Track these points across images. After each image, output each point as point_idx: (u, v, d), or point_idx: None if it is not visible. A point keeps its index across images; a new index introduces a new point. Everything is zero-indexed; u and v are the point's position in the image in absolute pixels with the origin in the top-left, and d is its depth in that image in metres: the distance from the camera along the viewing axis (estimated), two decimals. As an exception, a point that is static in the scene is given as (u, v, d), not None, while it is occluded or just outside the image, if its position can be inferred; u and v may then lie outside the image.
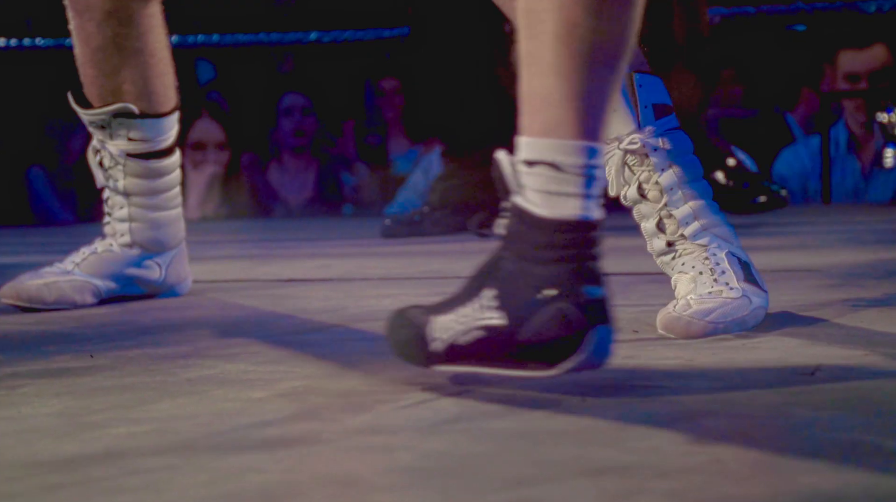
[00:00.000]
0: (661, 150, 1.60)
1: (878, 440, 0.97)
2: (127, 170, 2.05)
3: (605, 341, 1.13)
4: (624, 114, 1.59)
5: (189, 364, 1.46)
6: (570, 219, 1.12)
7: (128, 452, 1.03)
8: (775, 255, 2.55)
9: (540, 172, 1.13)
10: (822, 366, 1.25)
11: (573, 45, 1.12)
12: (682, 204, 1.60)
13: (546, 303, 1.11)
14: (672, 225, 1.60)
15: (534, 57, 1.14)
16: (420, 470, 0.95)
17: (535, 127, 1.14)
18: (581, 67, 1.13)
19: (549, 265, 1.11)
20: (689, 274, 1.58)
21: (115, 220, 2.08)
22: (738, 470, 0.90)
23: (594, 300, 1.11)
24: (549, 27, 1.13)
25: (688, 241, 1.60)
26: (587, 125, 1.13)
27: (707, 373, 1.27)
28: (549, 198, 1.12)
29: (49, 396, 1.29)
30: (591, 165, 1.13)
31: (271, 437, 1.07)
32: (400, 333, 1.18)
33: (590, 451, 0.98)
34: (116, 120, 2.03)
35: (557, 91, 1.13)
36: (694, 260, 1.59)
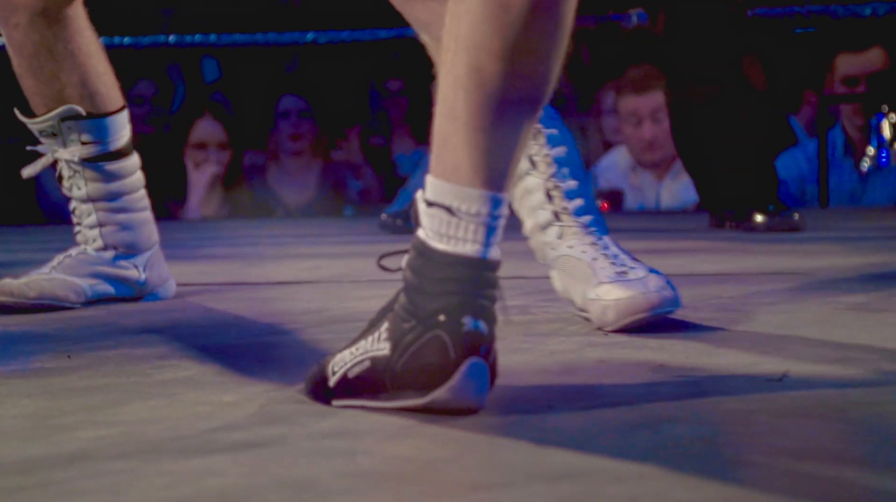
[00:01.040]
0: (555, 128, 1.67)
1: (836, 447, 0.98)
2: (86, 176, 2.05)
3: (477, 375, 1.10)
4: None
5: (164, 365, 1.46)
6: (465, 255, 1.11)
7: (92, 455, 1.04)
8: (762, 258, 2.56)
9: (435, 214, 1.11)
10: (790, 373, 1.26)
11: (477, 91, 1.10)
12: (568, 179, 1.66)
13: (426, 331, 1.10)
14: (558, 196, 1.64)
15: (442, 98, 1.12)
16: (378, 474, 0.96)
17: (437, 169, 1.12)
18: (483, 115, 1.10)
19: (437, 297, 1.10)
20: (583, 259, 1.62)
21: (86, 228, 2.08)
22: (692, 477, 0.90)
23: (473, 333, 1.09)
24: (454, 69, 1.11)
25: (572, 218, 1.65)
26: (485, 173, 1.11)
27: (676, 378, 1.28)
28: (444, 238, 1.11)
29: (22, 396, 1.30)
30: (486, 213, 1.11)
31: (236, 441, 1.08)
32: (310, 373, 1.21)
33: (549, 457, 0.99)
34: (65, 124, 2.03)
35: (457, 136, 1.11)
36: (582, 243, 1.64)
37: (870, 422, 1.06)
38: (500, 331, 1.55)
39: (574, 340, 1.53)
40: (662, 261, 2.62)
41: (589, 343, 1.51)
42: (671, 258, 2.68)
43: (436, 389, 1.10)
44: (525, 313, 1.79)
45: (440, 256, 1.11)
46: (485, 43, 1.09)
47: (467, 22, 1.10)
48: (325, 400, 1.19)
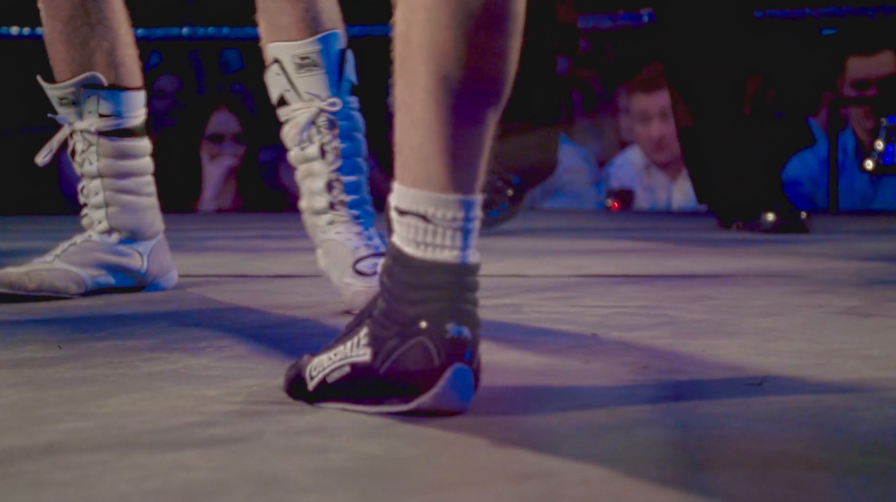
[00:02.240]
0: (349, 122, 1.84)
1: (805, 452, 0.98)
2: (100, 150, 2.08)
3: (462, 381, 1.10)
4: (327, 79, 1.84)
5: (154, 358, 1.47)
6: (445, 262, 1.11)
7: (67, 447, 1.05)
8: (762, 260, 2.56)
9: (409, 222, 1.11)
10: (770, 377, 1.26)
11: (447, 99, 1.10)
12: (350, 173, 1.84)
13: (409, 338, 1.10)
14: (338, 188, 1.83)
15: (406, 107, 1.11)
16: (347, 471, 0.96)
17: (407, 178, 1.12)
18: (452, 121, 1.10)
19: (417, 303, 1.10)
20: (347, 246, 1.81)
21: (92, 208, 2.10)
22: (657, 480, 0.91)
23: (456, 339, 1.09)
24: (419, 78, 1.10)
25: (346, 209, 1.83)
26: (458, 178, 1.10)
27: (657, 380, 1.28)
28: (421, 246, 1.11)
29: (6, 387, 1.31)
30: (462, 218, 1.11)
31: (211, 436, 1.08)
32: (288, 373, 1.22)
33: (518, 458, 0.99)
34: (85, 92, 2.06)
35: (429, 144, 1.10)
36: (350, 232, 1.83)
37: (843, 428, 1.06)
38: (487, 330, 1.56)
39: (561, 340, 1.54)
40: (661, 260, 2.63)
41: (575, 344, 1.51)
42: (669, 258, 2.68)
43: (420, 395, 1.11)
44: (517, 312, 1.80)
45: (418, 264, 1.11)
46: (449, 50, 1.09)
47: (429, 30, 1.09)
48: (306, 401, 1.19)
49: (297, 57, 1.86)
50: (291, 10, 1.87)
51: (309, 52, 1.86)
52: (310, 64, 1.86)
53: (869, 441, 1.02)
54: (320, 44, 1.86)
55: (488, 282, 2.19)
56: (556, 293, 2.04)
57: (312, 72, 1.86)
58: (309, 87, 1.86)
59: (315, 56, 1.86)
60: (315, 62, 1.86)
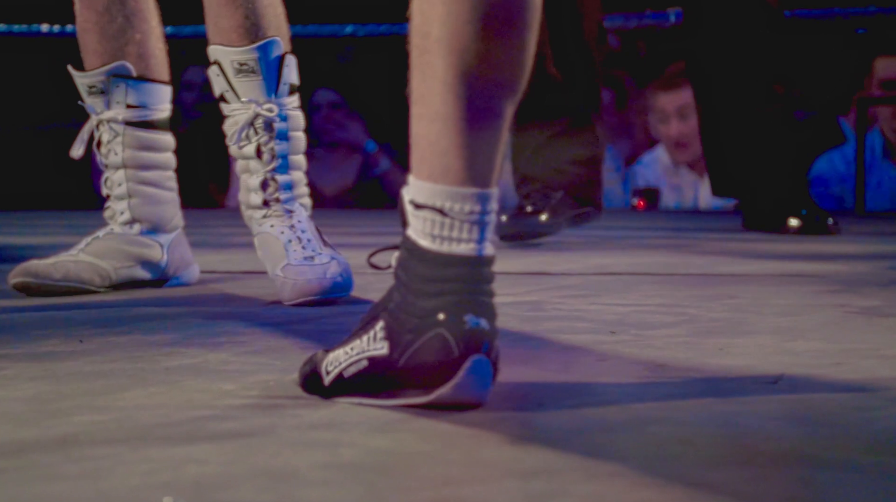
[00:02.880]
0: (286, 123, 1.94)
1: (815, 450, 0.97)
2: (125, 140, 2.10)
3: (481, 372, 1.10)
4: (264, 84, 1.92)
5: (172, 352, 1.48)
6: (461, 255, 1.11)
7: (81, 440, 1.05)
8: (785, 261, 2.55)
9: (426, 216, 1.11)
10: (785, 376, 1.25)
11: (462, 91, 1.10)
12: (286, 172, 1.94)
13: (427, 330, 1.10)
14: (273, 187, 1.93)
15: (423, 100, 1.12)
16: (357, 466, 0.97)
17: (424, 171, 1.12)
18: (470, 114, 1.10)
19: (434, 296, 1.10)
20: (280, 240, 1.91)
21: (115, 199, 2.12)
22: (663, 478, 0.91)
23: (475, 330, 1.10)
24: (438, 72, 1.10)
25: (280, 205, 1.94)
26: (475, 171, 1.11)
27: (673, 379, 1.28)
28: (437, 239, 1.11)
29: (25, 380, 1.32)
30: (479, 212, 1.11)
31: (225, 430, 1.09)
32: (303, 369, 1.23)
33: (528, 454, 0.99)
34: (114, 81, 2.08)
35: (445, 138, 1.11)
36: (283, 225, 1.93)
37: (855, 427, 1.06)
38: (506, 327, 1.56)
39: (579, 338, 1.54)
40: (683, 259, 2.62)
41: (593, 341, 1.51)
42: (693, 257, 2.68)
43: (440, 387, 1.11)
44: (536, 309, 1.80)
45: (434, 257, 1.11)
46: (469, 44, 1.09)
47: (449, 23, 1.09)
48: (321, 397, 1.20)
49: (235, 62, 1.93)
50: (232, 16, 1.93)
51: (247, 59, 1.92)
52: (248, 70, 1.92)
53: (881, 440, 1.01)
54: (258, 52, 1.92)
55: (510, 279, 2.20)
56: (577, 291, 2.04)
57: (250, 77, 1.92)
58: (247, 92, 1.93)
59: (253, 63, 1.92)
60: (253, 69, 1.92)
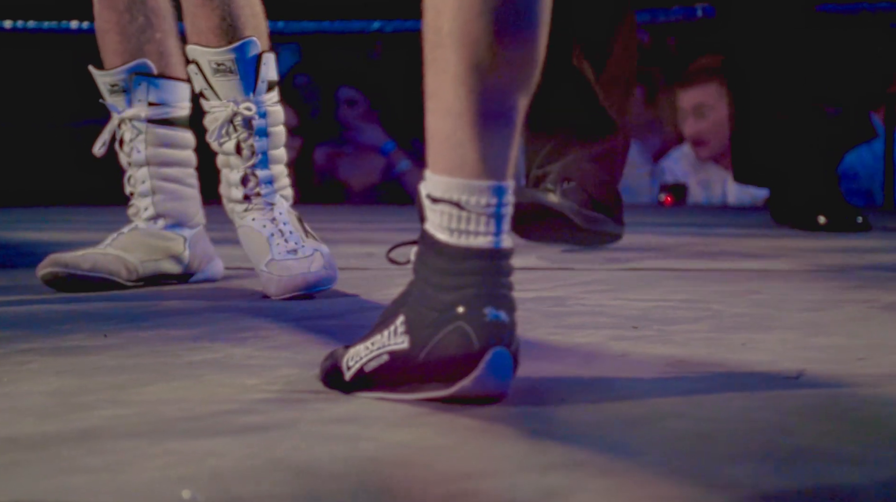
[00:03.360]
0: (265, 119, 1.97)
1: (834, 445, 0.97)
2: (148, 138, 2.12)
3: (501, 364, 1.11)
4: (241, 83, 1.95)
5: (196, 347, 1.49)
6: (479, 248, 1.11)
7: (103, 433, 1.06)
8: (811, 256, 2.54)
9: (443, 210, 1.12)
10: (807, 371, 1.25)
11: (474, 85, 1.10)
12: (266, 167, 1.98)
13: (446, 323, 1.10)
14: (253, 182, 1.97)
15: (437, 95, 1.12)
16: (376, 460, 0.97)
17: (440, 165, 1.12)
18: (483, 108, 1.11)
19: (453, 290, 1.11)
20: (262, 234, 1.95)
21: (139, 196, 2.14)
22: (678, 473, 0.91)
23: (495, 322, 1.10)
24: (450, 66, 1.11)
25: (261, 199, 1.97)
26: (491, 164, 1.11)
27: (694, 374, 1.28)
28: (455, 233, 1.12)
29: (50, 374, 1.33)
30: (495, 204, 1.11)
31: (246, 424, 1.09)
32: (324, 364, 1.23)
33: (546, 449, 1.00)
34: (136, 79, 2.10)
35: (461, 131, 1.11)
36: (265, 219, 1.96)
37: (875, 422, 1.06)
38: (529, 322, 1.56)
39: (601, 333, 1.54)
40: (709, 255, 2.61)
41: (615, 336, 1.51)
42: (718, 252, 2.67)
43: (461, 380, 1.11)
44: (559, 304, 1.80)
45: (453, 250, 1.12)
46: (480, 38, 1.10)
47: (460, 18, 1.10)
48: (343, 390, 1.20)
49: (212, 62, 1.95)
50: (209, 17, 1.96)
51: (223, 59, 1.95)
52: (225, 70, 1.95)
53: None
54: (234, 53, 1.95)
55: (534, 275, 2.20)
56: (601, 286, 2.04)
57: (228, 77, 1.95)
58: (225, 91, 1.97)
59: (230, 63, 1.95)
60: (230, 69, 1.95)
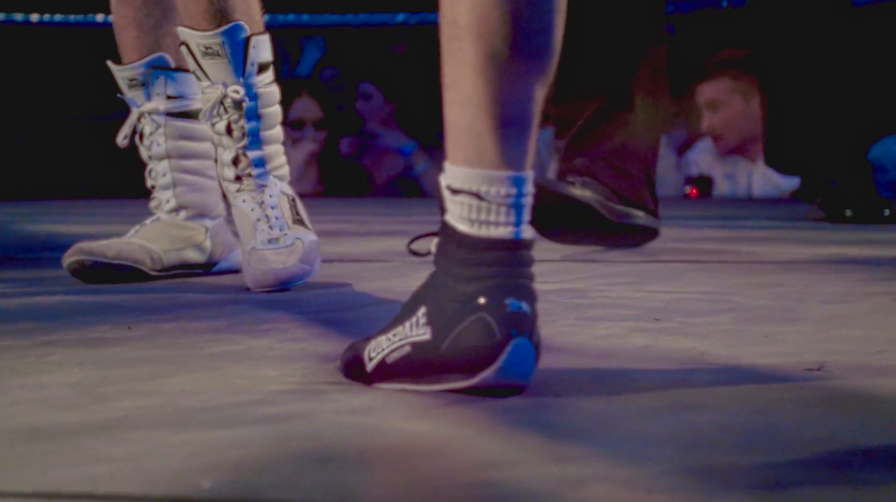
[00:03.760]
0: (255, 101, 1.98)
1: (852, 437, 0.97)
2: (167, 131, 2.13)
3: (523, 354, 1.11)
4: (231, 66, 1.97)
5: (218, 339, 1.49)
6: (497, 237, 1.12)
7: (125, 424, 1.07)
8: (836, 248, 2.53)
9: (463, 201, 1.12)
10: (827, 363, 1.25)
11: (493, 76, 1.11)
12: (257, 148, 1.99)
13: (468, 314, 1.11)
14: (244, 163, 1.99)
15: (455, 86, 1.12)
16: (394, 451, 0.97)
17: (459, 156, 1.13)
18: (501, 98, 1.11)
19: (474, 281, 1.11)
20: (249, 218, 1.97)
21: (160, 189, 2.15)
22: (700, 463, 0.91)
23: (516, 313, 1.10)
24: (468, 57, 1.11)
25: (252, 179, 1.99)
26: (510, 154, 1.12)
27: (714, 366, 1.28)
28: (475, 223, 1.12)
29: (73, 365, 1.34)
30: (516, 194, 1.12)
31: (267, 415, 1.10)
32: (345, 355, 1.23)
33: (565, 439, 1.00)
34: (154, 73, 2.11)
35: (480, 122, 1.11)
36: (254, 201, 1.98)
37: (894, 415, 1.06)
38: (550, 314, 1.56)
39: (622, 325, 1.54)
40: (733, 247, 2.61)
41: (636, 328, 1.51)
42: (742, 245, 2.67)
43: (482, 371, 1.11)
44: (581, 296, 1.80)
45: (473, 241, 1.12)
46: (497, 28, 1.10)
47: (477, 9, 1.10)
48: (365, 382, 1.21)
49: (201, 46, 1.97)
50: (199, 1, 1.97)
51: (211, 43, 1.96)
52: (213, 53, 1.97)
53: (921, 427, 1.01)
54: (222, 37, 1.96)
55: (556, 267, 2.20)
56: (623, 278, 2.04)
57: (216, 60, 1.97)
58: (214, 73, 1.98)
59: (217, 47, 1.96)
60: (218, 52, 1.97)
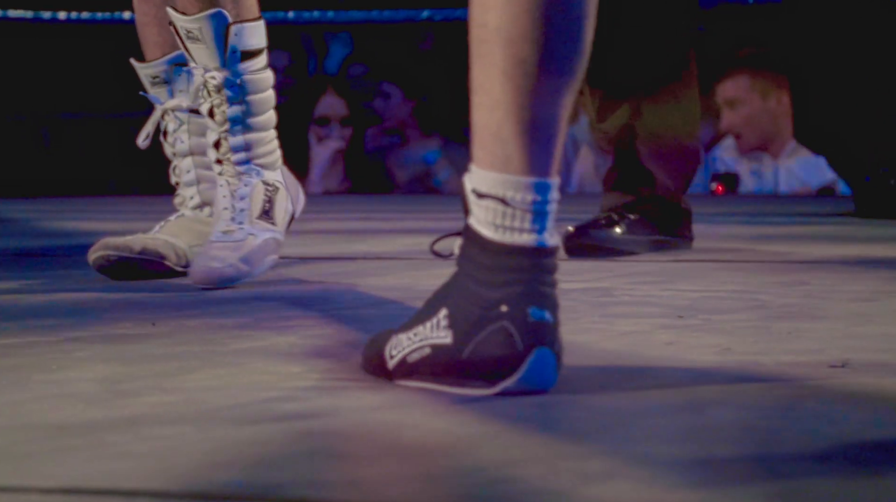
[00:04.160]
0: (237, 88, 2.01)
1: (877, 434, 0.97)
2: (190, 128, 2.14)
3: (545, 364, 1.11)
4: (211, 51, 1.99)
5: (242, 335, 1.50)
6: (521, 244, 1.11)
7: (148, 420, 1.07)
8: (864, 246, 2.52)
9: (489, 206, 1.12)
10: (852, 360, 1.24)
11: (520, 81, 1.10)
12: (239, 134, 2.02)
13: (490, 322, 1.11)
14: (224, 147, 2.02)
15: (483, 89, 1.12)
16: (416, 447, 0.97)
17: (485, 160, 1.12)
18: (530, 103, 1.11)
19: (497, 287, 1.11)
20: (218, 207, 2.01)
21: (184, 186, 2.16)
22: (722, 459, 0.91)
23: (538, 323, 1.10)
24: (497, 61, 1.11)
25: (231, 164, 2.02)
26: (537, 160, 1.11)
27: (737, 362, 1.27)
28: (500, 229, 1.12)
29: (98, 362, 1.35)
30: (540, 201, 1.11)
31: (288, 411, 1.10)
32: (367, 351, 1.24)
33: (586, 436, 1.00)
34: (177, 69, 2.13)
35: (506, 127, 1.11)
36: (228, 188, 2.01)
37: (920, 412, 1.05)
38: (574, 311, 1.56)
39: (647, 322, 1.53)
40: (760, 245, 2.60)
41: (661, 325, 1.51)
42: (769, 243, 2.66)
43: (504, 380, 1.11)
44: (606, 295, 1.80)
45: (497, 247, 1.12)
46: (527, 33, 1.10)
47: (508, 13, 1.10)
48: (387, 378, 1.21)
49: (184, 29, 2.01)
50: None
51: (192, 27, 2.00)
52: (194, 38, 2.01)
53: (945, 425, 1.01)
54: (201, 22, 1.99)
55: (582, 266, 2.20)
56: (649, 277, 2.04)
57: (198, 44, 2.01)
58: (197, 57, 2.02)
59: (197, 32, 2.00)
60: (198, 37, 2.00)
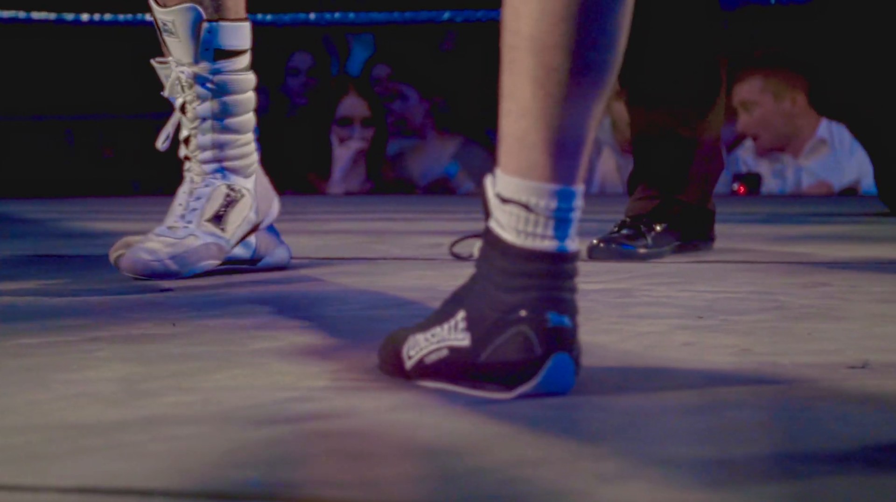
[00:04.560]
0: (209, 85, 2.04)
1: (893, 435, 0.97)
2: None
3: (563, 370, 1.11)
4: (184, 47, 2.02)
5: (260, 335, 1.50)
6: (542, 250, 1.11)
7: (167, 420, 1.08)
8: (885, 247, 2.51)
9: (512, 211, 1.12)
10: (871, 361, 1.24)
11: (551, 88, 1.11)
12: (207, 133, 2.05)
13: (509, 326, 1.11)
14: (193, 145, 2.06)
15: (512, 95, 1.12)
16: (432, 447, 0.98)
17: (511, 166, 1.13)
18: (559, 111, 1.11)
19: (516, 291, 1.11)
20: (174, 202, 2.05)
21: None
22: (738, 460, 0.91)
23: (557, 328, 1.10)
24: (528, 68, 1.11)
25: (197, 163, 2.06)
26: (562, 168, 1.11)
27: (756, 363, 1.27)
28: (522, 234, 1.12)
29: (117, 361, 1.35)
30: (564, 208, 1.11)
31: (306, 411, 1.10)
32: (383, 350, 1.24)
33: (602, 436, 1.00)
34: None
35: (533, 133, 1.11)
36: (191, 186, 2.05)
37: (938, 414, 1.05)
38: (593, 312, 1.56)
39: (665, 322, 1.53)
40: (780, 247, 2.60)
41: (679, 325, 1.51)
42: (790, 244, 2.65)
43: (522, 385, 1.11)
44: (625, 295, 1.80)
45: (518, 252, 1.12)
46: (559, 41, 1.10)
47: (542, 21, 1.10)
48: (403, 377, 1.21)
49: (160, 21, 2.05)
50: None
51: (167, 20, 2.03)
52: (169, 31, 2.04)
53: (963, 426, 1.00)
54: (175, 15, 2.02)
55: (601, 267, 2.19)
56: (668, 278, 2.03)
57: (173, 38, 2.04)
58: (173, 50, 2.05)
59: (171, 25, 2.03)
60: (172, 31, 2.03)
